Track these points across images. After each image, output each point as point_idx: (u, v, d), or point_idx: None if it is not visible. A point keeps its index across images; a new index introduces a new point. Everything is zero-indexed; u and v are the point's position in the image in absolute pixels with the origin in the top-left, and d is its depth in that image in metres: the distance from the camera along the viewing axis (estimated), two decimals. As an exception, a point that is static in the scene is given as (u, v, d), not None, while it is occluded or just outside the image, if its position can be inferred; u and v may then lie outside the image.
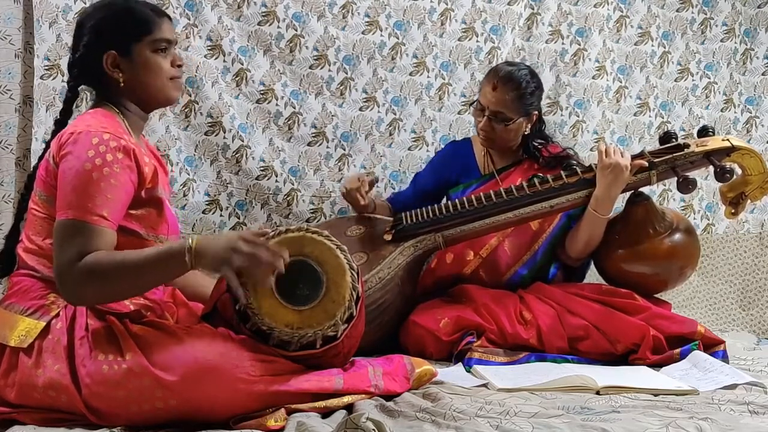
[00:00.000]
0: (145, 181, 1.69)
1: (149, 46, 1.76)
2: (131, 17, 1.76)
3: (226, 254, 1.55)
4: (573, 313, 2.37)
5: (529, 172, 2.62)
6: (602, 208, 2.42)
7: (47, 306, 1.63)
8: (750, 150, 2.42)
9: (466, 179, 2.73)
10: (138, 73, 1.75)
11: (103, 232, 1.57)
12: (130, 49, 1.74)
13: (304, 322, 1.63)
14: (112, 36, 1.74)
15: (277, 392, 1.58)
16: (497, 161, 2.72)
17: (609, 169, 2.38)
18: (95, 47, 1.74)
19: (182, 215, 2.77)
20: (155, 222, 1.74)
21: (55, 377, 1.55)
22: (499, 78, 2.56)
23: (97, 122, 1.66)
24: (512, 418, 1.57)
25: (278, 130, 2.90)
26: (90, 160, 1.59)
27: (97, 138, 1.61)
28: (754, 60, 3.37)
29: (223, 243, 1.57)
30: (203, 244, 1.56)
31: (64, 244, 1.56)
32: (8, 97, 2.54)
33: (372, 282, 2.32)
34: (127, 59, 1.74)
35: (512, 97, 2.55)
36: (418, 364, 1.91)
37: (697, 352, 2.24)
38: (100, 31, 1.75)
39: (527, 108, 2.59)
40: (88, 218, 1.56)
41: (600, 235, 2.50)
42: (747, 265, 3.30)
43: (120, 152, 1.62)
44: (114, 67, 1.74)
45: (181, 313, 1.86)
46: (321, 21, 2.90)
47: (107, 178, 1.59)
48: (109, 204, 1.59)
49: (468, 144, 2.81)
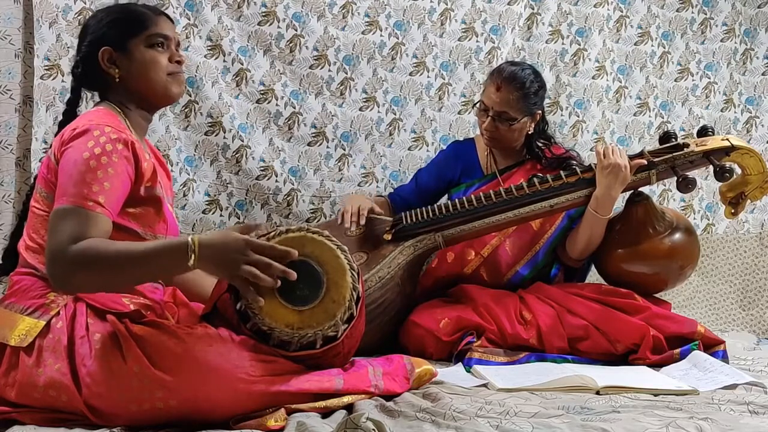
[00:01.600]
0: (143, 177, 1.69)
1: (145, 41, 1.77)
2: (127, 14, 1.80)
3: (234, 265, 1.53)
4: (573, 313, 2.37)
5: (531, 172, 2.61)
6: (602, 208, 2.42)
7: (47, 305, 1.62)
8: (749, 149, 2.42)
9: (467, 179, 2.73)
10: (134, 69, 1.77)
11: (98, 218, 1.57)
12: (125, 44, 1.76)
13: (304, 322, 1.62)
14: (109, 32, 1.77)
15: (277, 392, 1.58)
16: (500, 161, 2.72)
17: (608, 169, 2.38)
18: (93, 45, 1.77)
19: (182, 215, 2.78)
20: (153, 220, 1.74)
21: (56, 376, 1.55)
22: (503, 78, 2.55)
23: (99, 118, 1.68)
24: (512, 418, 1.57)
25: (278, 130, 2.90)
26: (89, 150, 1.60)
27: (98, 131, 1.63)
28: (754, 60, 3.38)
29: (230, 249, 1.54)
30: (207, 244, 1.53)
31: (58, 228, 1.54)
32: (8, 97, 2.55)
33: (372, 282, 2.32)
34: (123, 55, 1.76)
35: (516, 96, 2.54)
36: (418, 364, 1.91)
37: (697, 352, 2.24)
38: (98, 29, 1.78)
39: (531, 108, 2.59)
40: (84, 204, 1.56)
41: (600, 235, 2.50)
42: (747, 265, 3.30)
43: (120, 143, 1.63)
44: (110, 63, 1.76)
45: (181, 314, 1.86)
46: (321, 21, 2.90)
47: (105, 166, 1.59)
48: (106, 192, 1.58)
49: (471, 144, 2.81)
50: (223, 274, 1.61)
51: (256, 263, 1.54)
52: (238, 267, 1.53)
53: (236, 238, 1.56)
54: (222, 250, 1.55)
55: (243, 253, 1.54)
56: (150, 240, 1.72)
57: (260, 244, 1.57)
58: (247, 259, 1.54)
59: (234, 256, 1.54)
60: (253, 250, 1.55)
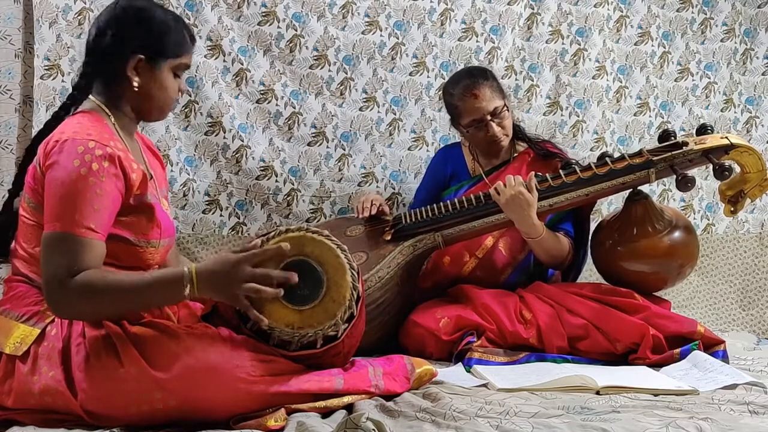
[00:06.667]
0: (132, 188, 1.65)
1: (174, 67, 1.75)
2: (174, 34, 1.74)
3: (234, 287, 1.54)
4: (572, 312, 2.37)
5: (521, 170, 2.62)
6: (530, 233, 2.44)
7: (42, 312, 1.61)
8: (749, 148, 2.41)
9: (456, 182, 2.75)
10: (152, 88, 1.73)
11: (91, 243, 1.55)
12: (158, 62, 1.72)
13: (304, 322, 1.62)
14: (149, 41, 1.71)
15: (277, 392, 1.58)
16: (484, 163, 2.73)
17: (507, 205, 2.38)
18: (128, 42, 1.70)
19: (182, 215, 2.78)
20: (145, 228, 1.71)
21: (51, 383, 1.54)
22: (472, 84, 2.57)
23: (84, 129, 1.62)
24: (512, 418, 1.57)
25: (278, 130, 2.90)
26: (75, 170, 1.56)
27: (83, 146, 1.57)
28: (754, 60, 3.38)
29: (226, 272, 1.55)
30: (203, 274, 1.54)
31: (52, 257, 1.54)
32: (8, 97, 2.55)
33: (372, 281, 2.32)
34: (149, 69, 1.72)
35: (493, 85, 2.59)
36: (418, 364, 1.91)
37: (697, 352, 2.24)
38: (137, 29, 1.71)
39: (502, 88, 2.64)
40: (76, 230, 1.54)
41: (553, 248, 2.51)
42: (747, 265, 3.30)
43: (106, 160, 1.58)
44: (135, 70, 1.71)
45: (181, 314, 1.85)
46: (321, 21, 2.90)
47: (93, 188, 1.56)
48: (96, 215, 1.56)
49: (458, 148, 2.82)
50: (225, 299, 1.61)
51: (253, 278, 1.55)
52: (238, 287, 1.54)
53: (229, 260, 1.56)
54: (219, 275, 1.55)
55: (239, 272, 1.54)
56: (142, 247, 1.70)
57: (251, 255, 1.57)
58: (244, 276, 1.54)
59: (231, 278, 1.54)
60: (246, 264, 1.55)
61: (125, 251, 1.66)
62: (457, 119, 2.64)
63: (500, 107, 2.57)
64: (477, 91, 2.55)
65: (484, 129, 2.59)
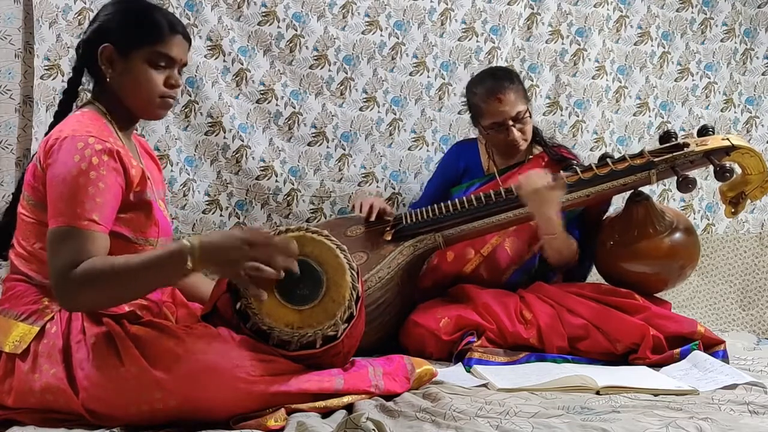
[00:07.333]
0: (132, 184, 1.66)
1: (146, 55, 1.70)
2: (142, 19, 1.71)
3: (236, 262, 1.53)
4: (573, 312, 2.37)
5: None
6: (547, 230, 2.42)
7: (41, 310, 1.62)
8: (750, 149, 2.41)
9: (468, 179, 2.74)
10: (125, 79, 1.71)
11: (94, 236, 1.56)
12: (127, 51, 1.70)
13: (304, 322, 1.63)
14: (117, 30, 1.70)
15: (277, 392, 1.58)
16: (500, 162, 2.72)
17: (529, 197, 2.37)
18: (98, 34, 1.71)
19: (182, 215, 2.78)
20: (143, 225, 1.71)
21: (52, 381, 1.54)
22: (498, 86, 2.56)
23: (83, 126, 1.63)
24: (512, 418, 1.57)
25: (278, 130, 2.90)
26: (76, 166, 1.56)
27: (82, 143, 1.58)
28: (754, 60, 3.38)
29: (231, 247, 1.54)
30: (207, 246, 1.53)
31: (58, 252, 1.54)
32: (8, 97, 2.55)
33: (372, 281, 2.32)
34: (121, 60, 1.70)
35: (518, 89, 2.58)
36: (419, 364, 1.91)
37: (697, 352, 2.24)
38: (109, 20, 1.72)
39: (526, 91, 2.64)
40: (79, 223, 1.54)
41: (567, 247, 2.50)
42: (747, 265, 3.30)
43: (105, 155, 1.59)
44: (107, 61, 1.70)
45: (180, 314, 1.86)
46: (321, 21, 2.90)
47: (95, 182, 1.56)
48: (99, 208, 1.56)
49: (474, 144, 2.81)
50: (225, 273, 1.61)
51: (257, 257, 1.54)
52: (240, 264, 1.53)
53: (235, 235, 1.55)
54: (222, 249, 1.54)
55: (243, 249, 1.54)
56: (141, 244, 1.70)
57: (258, 238, 1.56)
58: (248, 254, 1.54)
59: (235, 253, 1.54)
60: (252, 244, 1.54)
61: (124, 249, 1.66)
62: (478, 119, 2.64)
63: (523, 112, 2.57)
64: (501, 95, 2.54)
65: (505, 132, 2.58)
